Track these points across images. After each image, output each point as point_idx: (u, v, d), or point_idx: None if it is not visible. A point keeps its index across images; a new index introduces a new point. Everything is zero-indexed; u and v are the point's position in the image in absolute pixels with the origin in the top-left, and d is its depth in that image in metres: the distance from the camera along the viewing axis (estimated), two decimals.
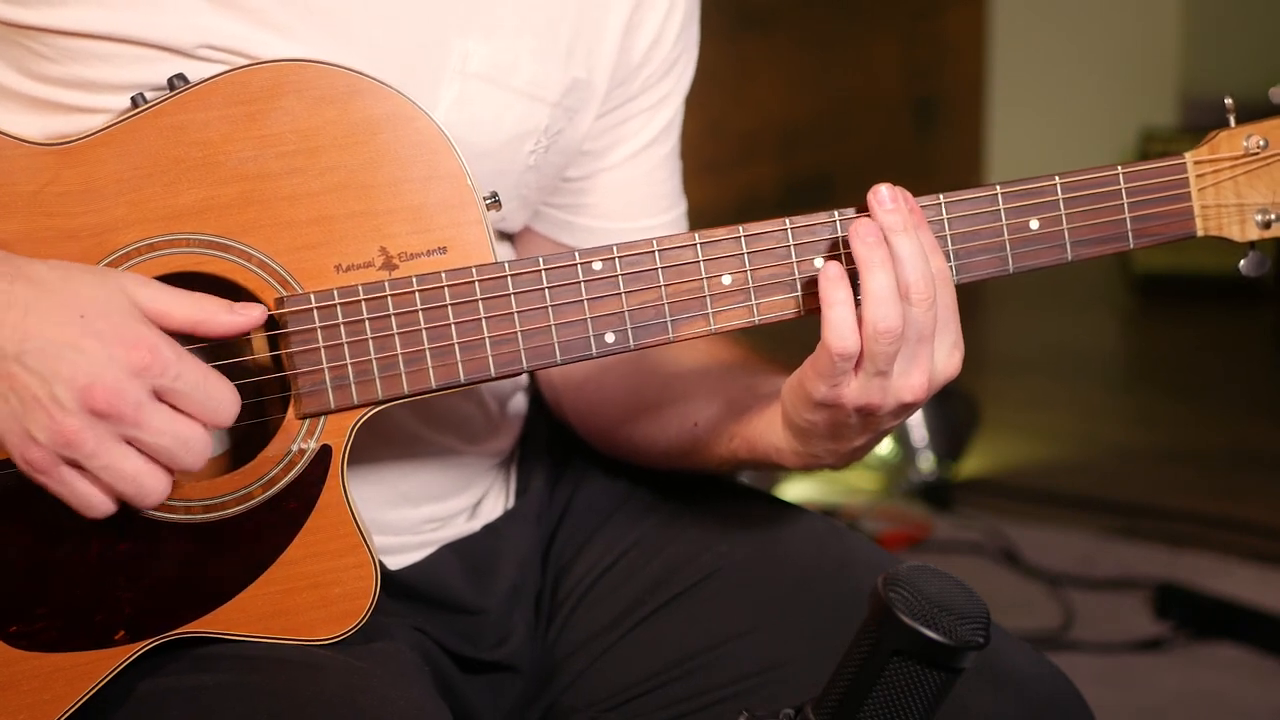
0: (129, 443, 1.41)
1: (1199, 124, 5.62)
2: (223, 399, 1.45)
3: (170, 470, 1.44)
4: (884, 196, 1.53)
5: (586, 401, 1.80)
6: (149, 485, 1.42)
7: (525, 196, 1.73)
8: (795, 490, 4.00)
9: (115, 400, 1.39)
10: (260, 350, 1.53)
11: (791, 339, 1.61)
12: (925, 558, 2.52)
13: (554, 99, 1.67)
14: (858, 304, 1.51)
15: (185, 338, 1.51)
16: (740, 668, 1.68)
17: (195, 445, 1.43)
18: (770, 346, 1.72)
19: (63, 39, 1.52)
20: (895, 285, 1.50)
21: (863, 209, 1.55)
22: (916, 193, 1.56)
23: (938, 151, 5.71)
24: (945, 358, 1.54)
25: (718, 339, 1.68)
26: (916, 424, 4.07)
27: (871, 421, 1.55)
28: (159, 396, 1.42)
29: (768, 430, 1.62)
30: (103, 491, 1.42)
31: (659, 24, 1.74)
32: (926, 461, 4.07)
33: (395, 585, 1.68)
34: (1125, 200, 1.62)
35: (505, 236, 1.81)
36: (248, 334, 1.53)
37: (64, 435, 1.38)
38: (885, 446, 4.09)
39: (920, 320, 1.51)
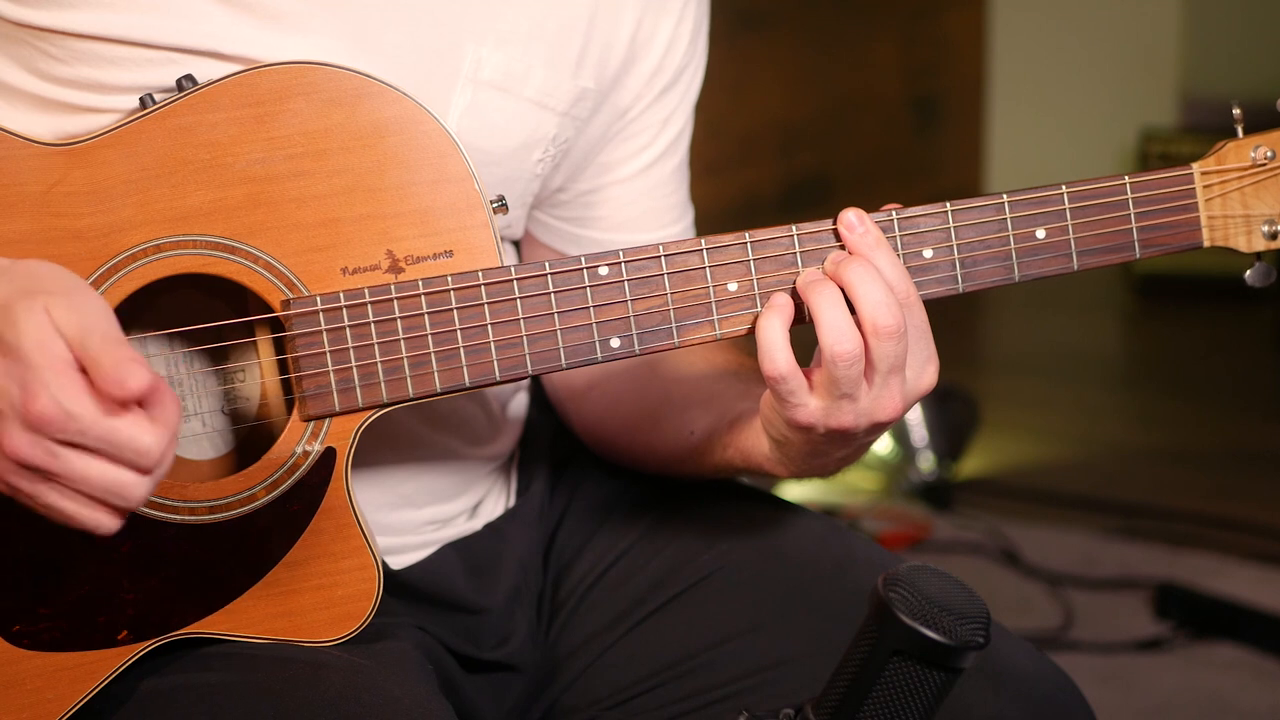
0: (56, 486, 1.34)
1: (1199, 124, 5.61)
2: (145, 446, 1.32)
3: (116, 508, 1.35)
4: (852, 220, 1.54)
5: (591, 409, 1.80)
6: (103, 522, 1.35)
7: (531, 205, 1.73)
8: (795, 490, 3.99)
9: (23, 453, 1.32)
10: (266, 353, 1.54)
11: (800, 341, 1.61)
12: (925, 558, 2.51)
13: (563, 109, 1.67)
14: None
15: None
16: (740, 668, 1.68)
17: (130, 491, 1.34)
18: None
19: (72, 40, 1.52)
20: (846, 313, 1.50)
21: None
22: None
23: (938, 151, 5.70)
24: (918, 375, 1.54)
25: (718, 345, 1.68)
26: (916, 424, 4.07)
27: (847, 438, 1.55)
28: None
29: (759, 440, 1.62)
30: (59, 517, 1.35)
31: (670, 32, 1.73)
32: (926, 461, 4.07)
33: (398, 584, 1.68)
34: (1132, 210, 1.62)
35: (508, 242, 1.80)
36: (254, 336, 1.53)
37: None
38: (885, 446, 4.09)
39: (892, 352, 1.50)
